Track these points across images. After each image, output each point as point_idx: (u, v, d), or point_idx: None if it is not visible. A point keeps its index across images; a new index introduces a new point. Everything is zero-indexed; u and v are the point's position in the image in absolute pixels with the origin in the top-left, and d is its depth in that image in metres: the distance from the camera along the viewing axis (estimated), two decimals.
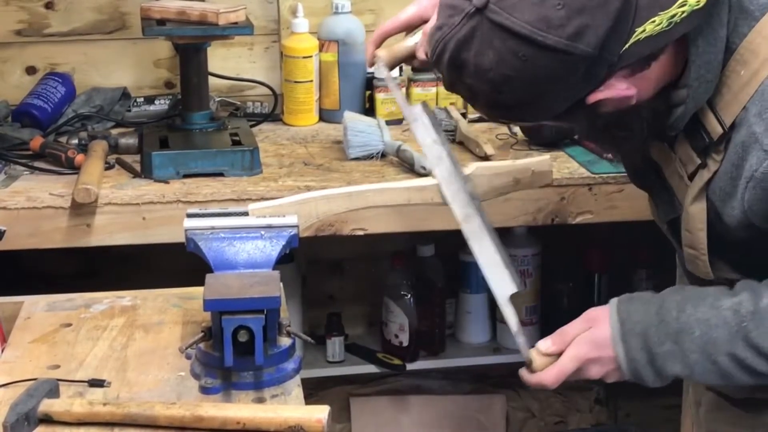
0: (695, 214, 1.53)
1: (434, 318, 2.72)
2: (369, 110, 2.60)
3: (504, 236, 2.69)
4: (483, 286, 2.74)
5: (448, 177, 1.62)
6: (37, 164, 2.29)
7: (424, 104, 1.63)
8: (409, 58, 1.75)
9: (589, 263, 2.79)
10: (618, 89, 1.42)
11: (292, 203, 1.69)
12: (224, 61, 2.64)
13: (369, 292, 2.81)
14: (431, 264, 2.73)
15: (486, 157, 2.25)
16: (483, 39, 1.39)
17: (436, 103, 2.59)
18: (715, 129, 1.47)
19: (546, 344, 1.58)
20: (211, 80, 2.43)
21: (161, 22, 2.29)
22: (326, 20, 2.58)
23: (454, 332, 2.80)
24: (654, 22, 1.38)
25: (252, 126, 2.51)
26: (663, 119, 1.49)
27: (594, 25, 1.35)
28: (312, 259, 2.78)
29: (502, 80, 1.39)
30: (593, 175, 2.23)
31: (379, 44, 1.75)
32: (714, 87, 1.45)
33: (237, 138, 2.34)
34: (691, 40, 1.42)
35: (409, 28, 1.73)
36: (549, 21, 1.35)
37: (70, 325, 1.68)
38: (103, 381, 1.50)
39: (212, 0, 2.39)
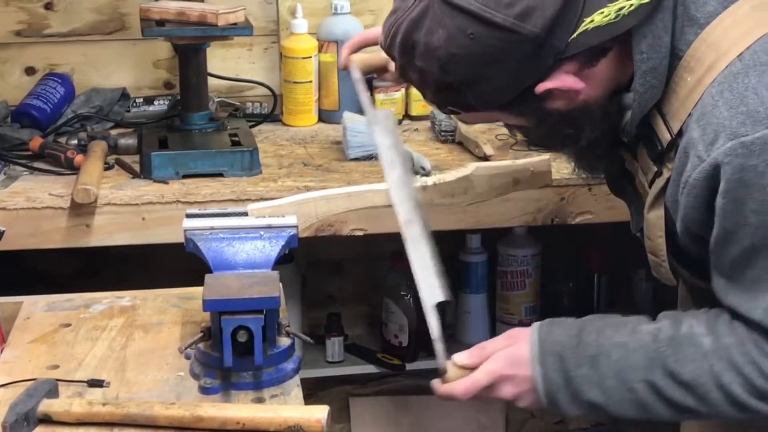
0: (653, 222, 1.53)
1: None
2: None
3: (504, 236, 2.73)
4: (483, 286, 2.75)
5: (398, 182, 1.64)
6: (36, 165, 2.29)
7: (389, 111, 1.64)
8: (382, 69, 1.77)
9: (589, 263, 2.79)
10: (566, 81, 1.42)
11: (292, 203, 1.69)
12: (223, 62, 2.64)
13: (369, 292, 2.81)
14: None
15: (485, 157, 2.25)
16: (434, 18, 1.40)
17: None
18: (665, 136, 1.47)
19: (462, 356, 1.56)
20: (211, 81, 2.43)
21: (161, 22, 2.29)
22: (325, 21, 2.58)
23: (454, 332, 2.80)
24: (602, 13, 1.39)
25: (251, 126, 2.51)
26: (615, 123, 1.49)
27: (542, 7, 1.37)
28: (312, 260, 2.78)
29: (450, 58, 1.40)
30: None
31: (355, 50, 1.78)
32: (660, 93, 1.45)
33: (236, 138, 2.34)
34: (635, 45, 1.42)
35: None
36: (498, 0, 1.37)
37: (69, 325, 1.68)
38: (103, 381, 1.50)
39: (212, 0, 2.39)
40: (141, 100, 2.62)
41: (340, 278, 2.85)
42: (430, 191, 1.77)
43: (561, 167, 2.22)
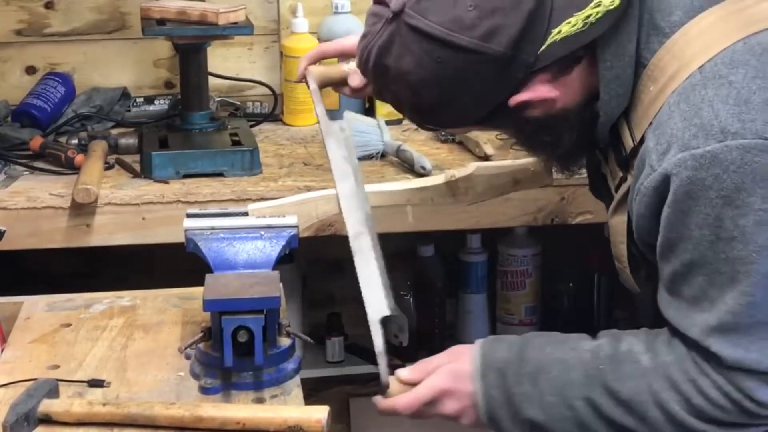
0: (615, 227, 1.53)
1: (434, 318, 2.72)
2: (369, 110, 2.60)
3: (504, 236, 2.72)
4: (483, 286, 2.75)
5: (349, 193, 1.64)
6: (36, 164, 2.29)
7: (343, 123, 1.65)
8: (341, 82, 1.77)
9: (589, 263, 2.79)
10: (540, 91, 1.42)
11: (292, 203, 1.69)
12: (224, 61, 2.64)
13: None
14: (431, 264, 2.72)
15: (486, 157, 2.25)
16: (401, 43, 1.41)
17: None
18: (629, 143, 1.47)
19: (406, 372, 1.56)
20: (211, 80, 2.43)
21: (161, 22, 2.29)
22: (326, 20, 2.58)
23: (454, 332, 2.80)
24: (570, 23, 1.39)
25: (252, 126, 2.51)
26: (591, 129, 1.49)
27: (506, 26, 1.37)
28: (312, 260, 2.77)
29: (421, 83, 1.41)
30: None
31: (313, 62, 1.78)
32: (626, 101, 1.45)
33: (237, 138, 2.34)
34: (600, 54, 1.42)
35: (346, 54, 1.76)
36: (461, 22, 1.37)
37: (69, 325, 1.68)
38: (103, 381, 1.50)
39: (212, 0, 2.39)
40: (141, 99, 2.62)
41: (341, 278, 2.84)
42: (430, 191, 1.77)
43: None
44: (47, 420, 1.39)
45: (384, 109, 2.56)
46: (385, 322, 1.56)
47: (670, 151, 1.36)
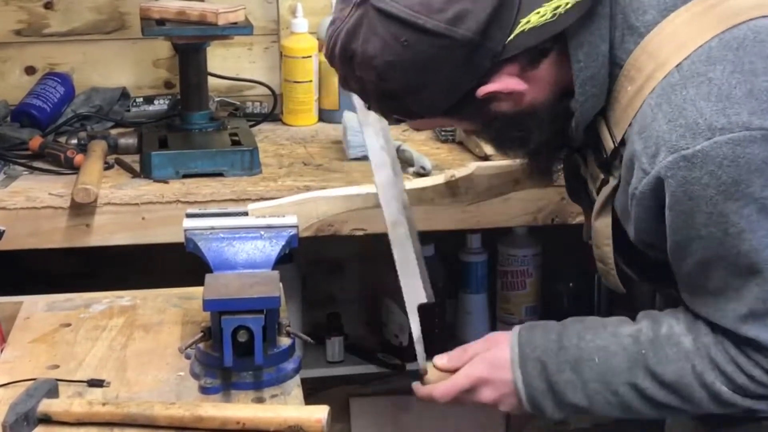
0: (600, 230, 1.52)
1: (434, 318, 2.72)
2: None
3: (504, 236, 2.72)
4: (483, 286, 2.75)
5: (386, 183, 1.64)
6: (36, 164, 2.29)
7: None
8: None
9: (589, 263, 2.77)
10: (508, 83, 1.41)
11: (292, 203, 1.69)
12: (224, 61, 2.64)
13: (369, 292, 2.81)
14: (431, 264, 2.70)
15: (486, 157, 2.24)
16: (369, 26, 1.40)
17: None
18: (609, 144, 1.46)
19: (443, 359, 1.57)
20: (211, 80, 2.43)
21: (161, 22, 2.29)
22: (326, 20, 2.58)
23: (454, 332, 2.79)
24: (539, 13, 1.38)
25: (251, 126, 2.51)
26: (564, 127, 1.48)
27: (475, 11, 1.36)
28: (312, 259, 2.77)
29: (387, 67, 1.39)
30: None
31: None
32: (602, 101, 1.45)
33: (236, 138, 2.34)
34: (573, 54, 1.42)
35: None
36: (429, 6, 1.36)
37: (69, 325, 1.68)
38: (103, 381, 1.50)
39: (212, 0, 2.39)
40: (141, 99, 2.62)
41: (340, 278, 2.84)
42: (430, 191, 1.77)
43: None
44: (47, 420, 1.39)
45: None
46: (422, 308, 1.57)
47: (660, 153, 1.36)
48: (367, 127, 1.65)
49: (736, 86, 1.34)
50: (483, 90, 1.42)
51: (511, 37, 1.38)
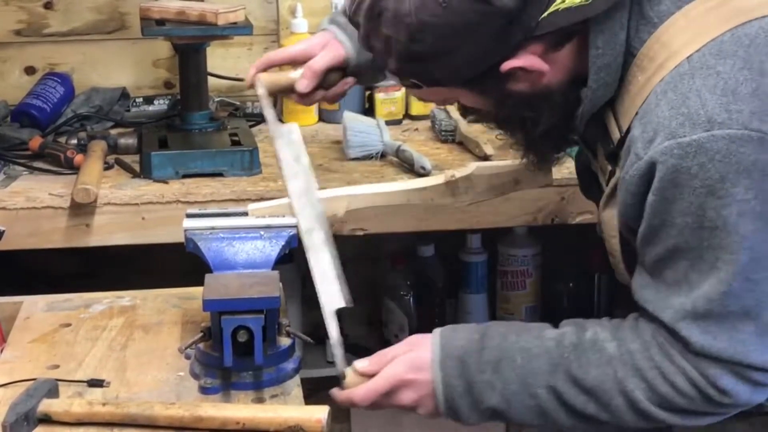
0: (606, 221, 1.52)
1: (434, 318, 2.72)
2: (369, 110, 2.60)
3: (504, 236, 2.72)
4: (483, 286, 2.75)
5: (299, 192, 1.64)
6: (36, 164, 2.29)
7: (293, 125, 1.65)
8: (289, 89, 1.76)
9: (589, 263, 2.79)
10: (533, 61, 1.41)
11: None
12: (223, 61, 2.64)
13: (369, 292, 2.81)
14: (431, 264, 2.72)
15: (486, 157, 2.25)
16: None
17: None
18: (615, 135, 1.47)
19: (362, 363, 1.54)
20: (211, 80, 2.43)
21: (160, 22, 2.29)
22: (325, 20, 2.58)
23: None
24: None
25: (251, 126, 2.51)
26: (572, 114, 1.48)
27: None
28: None
29: (420, 27, 1.37)
30: None
31: (262, 69, 1.76)
32: (613, 90, 1.45)
33: (236, 138, 2.34)
34: (592, 40, 1.42)
35: (295, 62, 1.76)
36: None
37: (69, 325, 1.68)
38: (103, 381, 1.50)
39: (212, 0, 2.39)
40: (141, 99, 2.62)
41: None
42: (430, 191, 1.77)
43: (561, 167, 2.22)
44: (47, 420, 1.39)
45: (384, 109, 2.57)
46: (339, 313, 1.57)
47: (657, 139, 1.36)
48: (278, 139, 1.65)
49: (743, 83, 1.35)
50: (508, 65, 1.41)
51: (545, 14, 1.38)
